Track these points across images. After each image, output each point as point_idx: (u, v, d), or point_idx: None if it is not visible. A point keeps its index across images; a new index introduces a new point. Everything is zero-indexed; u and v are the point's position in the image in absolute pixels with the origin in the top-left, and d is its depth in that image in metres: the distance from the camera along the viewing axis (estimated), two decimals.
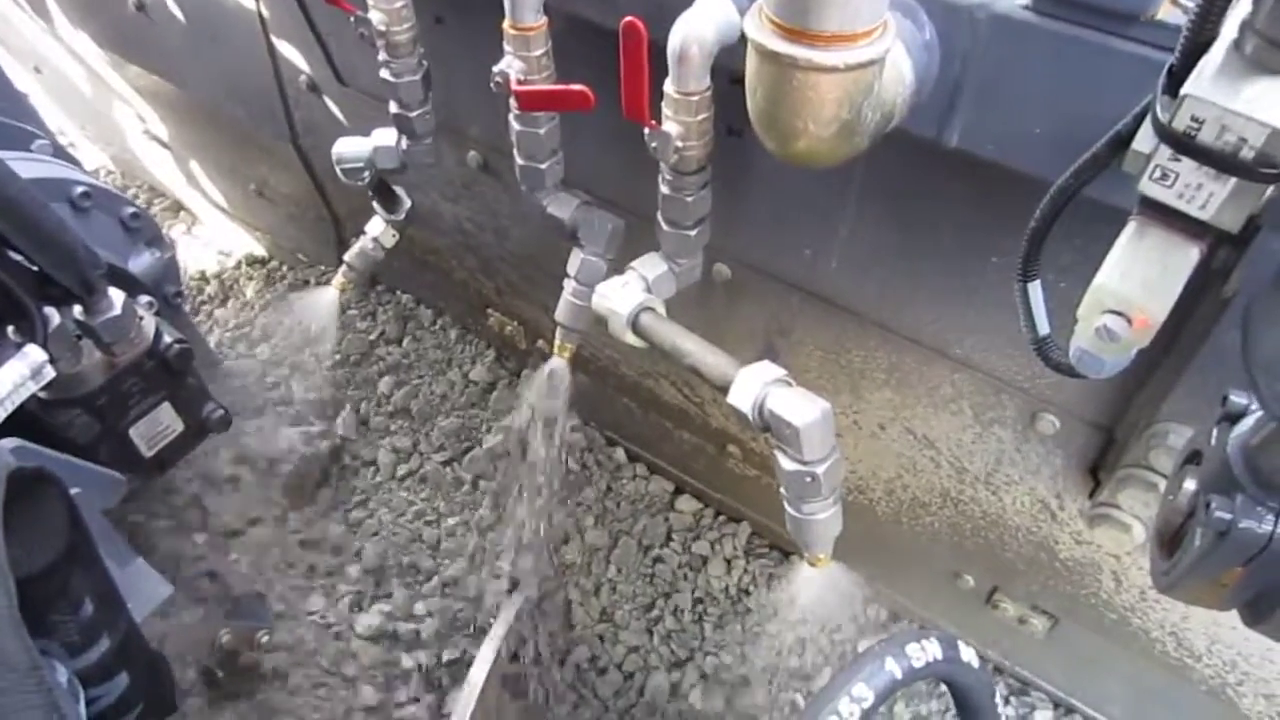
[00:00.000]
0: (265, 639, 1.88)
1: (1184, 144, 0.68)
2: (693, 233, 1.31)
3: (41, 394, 1.32)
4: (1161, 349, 1.08)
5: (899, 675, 0.68)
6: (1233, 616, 0.80)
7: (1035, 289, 0.89)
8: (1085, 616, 1.57)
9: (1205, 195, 0.70)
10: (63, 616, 0.99)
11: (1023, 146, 0.99)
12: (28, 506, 0.89)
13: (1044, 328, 0.90)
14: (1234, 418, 0.74)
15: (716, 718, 1.97)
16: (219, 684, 1.86)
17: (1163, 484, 1.15)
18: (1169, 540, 0.83)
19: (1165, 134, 0.69)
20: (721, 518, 2.23)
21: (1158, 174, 0.71)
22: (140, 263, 1.73)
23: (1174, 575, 0.78)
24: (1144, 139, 0.74)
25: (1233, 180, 0.68)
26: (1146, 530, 1.21)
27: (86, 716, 1.06)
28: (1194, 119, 0.67)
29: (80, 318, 1.38)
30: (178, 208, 3.25)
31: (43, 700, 0.64)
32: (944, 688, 1.98)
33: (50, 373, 1.26)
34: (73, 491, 1.00)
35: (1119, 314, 0.77)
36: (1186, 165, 0.70)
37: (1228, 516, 0.68)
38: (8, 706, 0.62)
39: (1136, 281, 0.76)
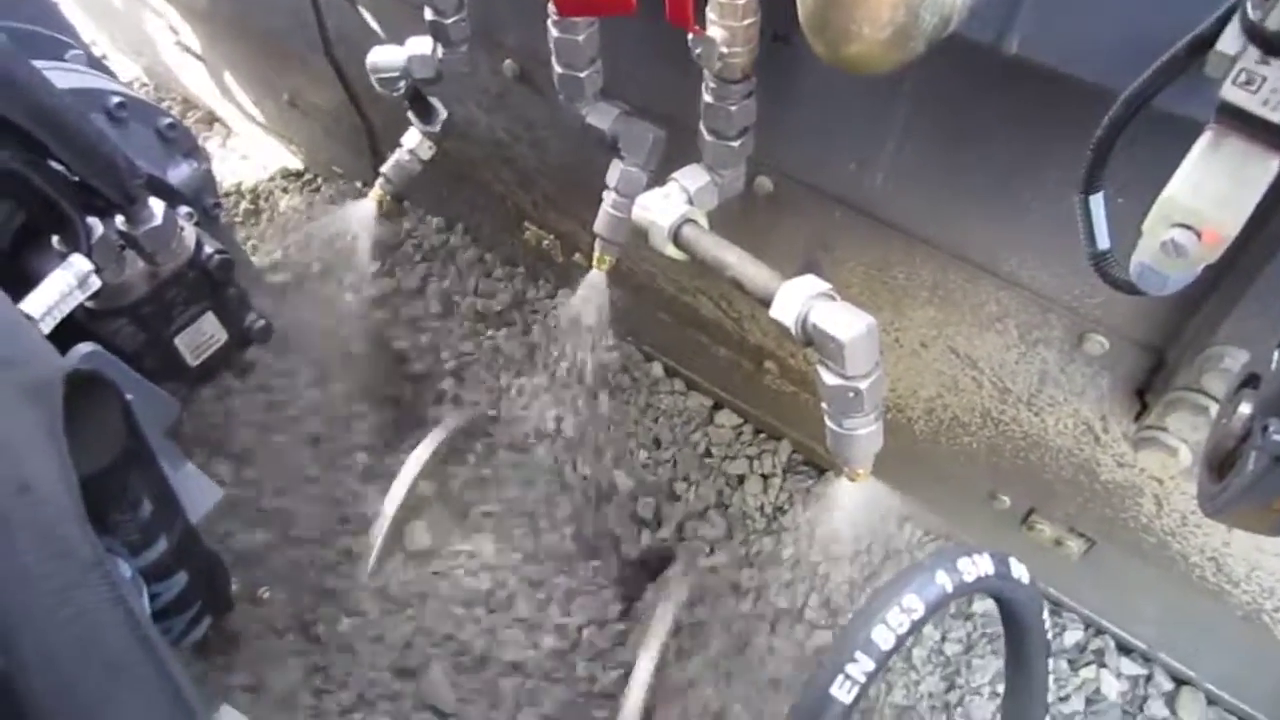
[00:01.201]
0: (266, 594, 1.86)
1: (1276, 45, 0.64)
2: (736, 143, 1.28)
3: (88, 304, 1.34)
4: (1223, 267, 1.04)
5: (949, 588, 0.68)
6: (1276, 543, 0.79)
7: (1097, 202, 0.86)
8: (1123, 540, 1.57)
9: None
10: (123, 516, 1.03)
11: (1087, 54, 0.93)
12: (86, 408, 0.92)
13: (1104, 242, 0.87)
14: None
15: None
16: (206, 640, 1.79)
17: (1214, 408, 1.13)
18: (1220, 464, 0.81)
19: (1255, 34, 0.65)
20: (761, 435, 2.22)
21: (1242, 78, 0.67)
22: (178, 174, 1.73)
23: (1223, 499, 0.77)
24: (1230, 40, 0.69)
25: None
26: (1193, 454, 1.19)
27: (150, 611, 1.11)
28: None
29: (123, 228, 1.39)
30: (211, 120, 3.23)
31: (109, 593, 0.67)
32: (974, 608, 1.99)
33: (96, 282, 1.29)
34: (128, 398, 1.02)
35: (1188, 228, 0.74)
36: (1275, 69, 0.65)
37: None
38: (78, 599, 0.65)
39: (1209, 194, 0.73)
